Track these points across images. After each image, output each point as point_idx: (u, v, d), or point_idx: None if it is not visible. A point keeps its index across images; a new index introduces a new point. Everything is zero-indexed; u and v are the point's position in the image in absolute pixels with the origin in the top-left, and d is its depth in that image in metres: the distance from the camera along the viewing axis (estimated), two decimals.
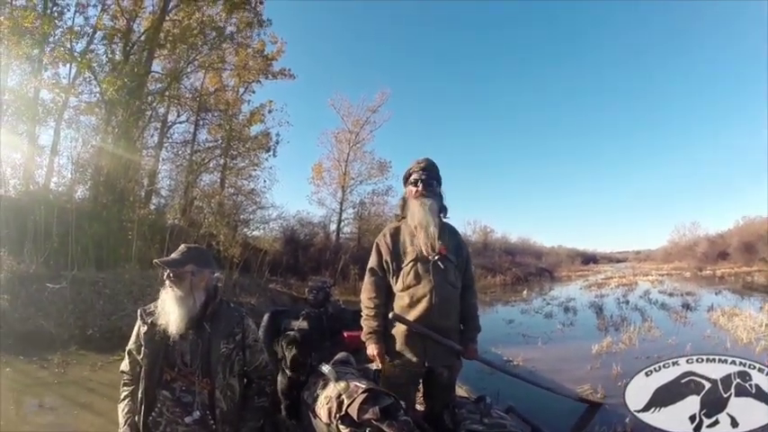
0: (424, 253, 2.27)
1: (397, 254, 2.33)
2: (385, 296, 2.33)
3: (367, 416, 1.73)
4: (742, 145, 63.85)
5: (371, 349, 2.26)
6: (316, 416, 1.90)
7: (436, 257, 2.25)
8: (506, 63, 54.41)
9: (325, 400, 1.89)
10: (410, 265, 2.27)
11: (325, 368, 2.08)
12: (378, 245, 2.38)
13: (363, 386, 1.86)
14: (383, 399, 1.81)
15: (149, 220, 11.21)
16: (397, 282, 2.31)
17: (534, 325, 8.79)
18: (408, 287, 2.26)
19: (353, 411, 1.75)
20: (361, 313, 2.36)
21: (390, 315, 2.24)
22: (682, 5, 56.30)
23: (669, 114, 64.69)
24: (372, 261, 2.37)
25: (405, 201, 2.47)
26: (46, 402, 3.85)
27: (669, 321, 8.83)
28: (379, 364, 2.29)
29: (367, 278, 2.37)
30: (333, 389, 1.91)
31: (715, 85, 60.62)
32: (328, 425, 1.81)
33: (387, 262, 2.33)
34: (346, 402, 1.79)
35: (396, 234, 2.37)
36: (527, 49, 59.55)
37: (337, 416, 1.78)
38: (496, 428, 2.05)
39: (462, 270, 2.40)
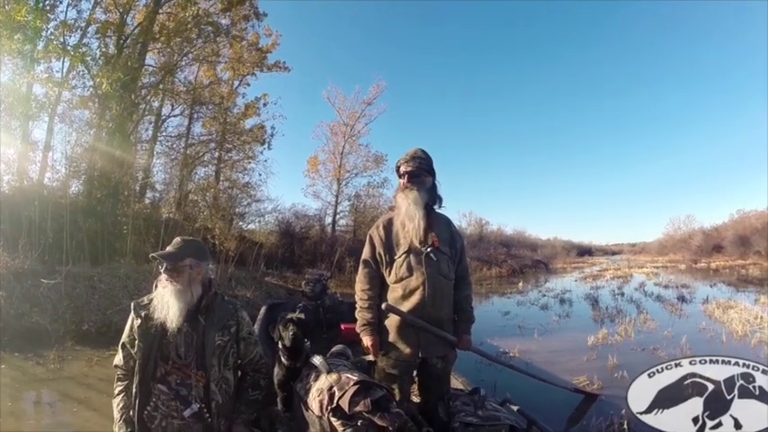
0: (416, 244, 2.26)
1: (389, 246, 2.32)
2: (379, 288, 2.32)
3: (358, 408, 1.72)
4: (738, 139, 64.28)
5: (366, 341, 2.27)
6: (308, 408, 1.89)
7: (428, 249, 2.24)
8: (504, 58, 54.35)
9: (316, 393, 1.88)
10: (403, 256, 2.27)
11: (317, 360, 2.08)
12: (371, 236, 2.37)
13: (355, 378, 1.85)
14: (375, 391, 1.81)
15: (144, 214, 11.11)
16: (390, 274, 2.30)
17: (530, 316, 8.78)
18: (401, 279, 2.25)
19: (345, 403, 1.74)
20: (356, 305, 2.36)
21: (383, 306, 2.23)
22: (681, 4, 56.20)
23: (665, 108, 64.80)
24: (366, 253, 2.36)
25: None
26: (43, 398, 3.83)
27: (664, 313, 8.85)
28: (374, 356, 2.30)
29: (360, 270, 2.36)
30: (324, 381, 1.90)
31: (712, 80, 60.79)
32: (320, 417, 1.80)
33: (380, 254, 2.32)
34: (338, 394, 1.78)
35: (389, 226, 2.36)
36: (524, 44, 59.74)
37: (329, 408, 1.77)
38: (491, 421, 2.05)
39: (456, 261, 2.39)
